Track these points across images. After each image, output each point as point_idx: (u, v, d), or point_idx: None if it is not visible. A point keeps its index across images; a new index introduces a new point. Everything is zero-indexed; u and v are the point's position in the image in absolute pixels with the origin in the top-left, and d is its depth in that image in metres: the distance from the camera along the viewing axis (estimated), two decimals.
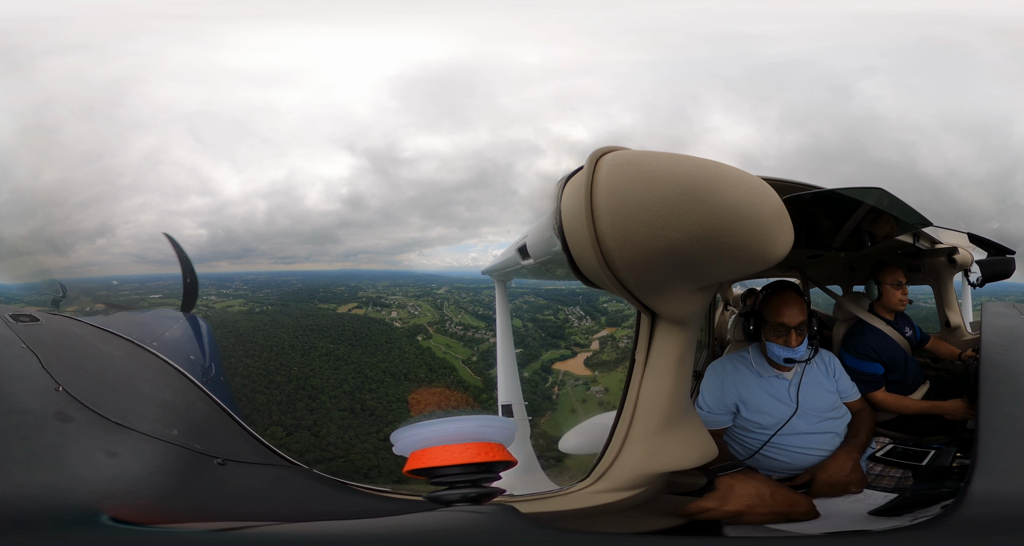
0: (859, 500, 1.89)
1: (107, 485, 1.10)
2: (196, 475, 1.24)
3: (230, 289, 30.39)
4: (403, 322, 28.63)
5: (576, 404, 19.99)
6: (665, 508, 1.73)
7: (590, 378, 21.54)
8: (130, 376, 1.60)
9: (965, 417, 2.56)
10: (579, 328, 24.91)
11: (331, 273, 46.18)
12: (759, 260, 1.20)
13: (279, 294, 31.77)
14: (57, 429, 1.18)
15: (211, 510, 1.20)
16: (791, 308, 2.33)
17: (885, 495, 1.92)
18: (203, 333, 3.19)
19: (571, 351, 23.40)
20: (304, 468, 1.41)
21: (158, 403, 1.47)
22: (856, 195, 2.03)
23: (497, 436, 1.26)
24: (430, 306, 30.04)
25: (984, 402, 1.65)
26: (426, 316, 29.03)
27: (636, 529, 1.61)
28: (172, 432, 1.31)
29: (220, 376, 2.90)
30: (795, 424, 2.32)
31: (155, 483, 1.16)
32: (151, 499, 1.12)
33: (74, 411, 1.24)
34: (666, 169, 1.17)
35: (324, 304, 30.80)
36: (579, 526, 1.57)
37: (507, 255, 4.09)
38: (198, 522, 1.12)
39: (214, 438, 1.39)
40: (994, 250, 3.08)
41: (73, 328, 1.87)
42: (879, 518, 1.73)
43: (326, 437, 16.79)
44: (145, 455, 1.21)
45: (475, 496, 1.20)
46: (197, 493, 1.21)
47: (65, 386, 1.30)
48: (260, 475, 1.34)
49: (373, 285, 33.90)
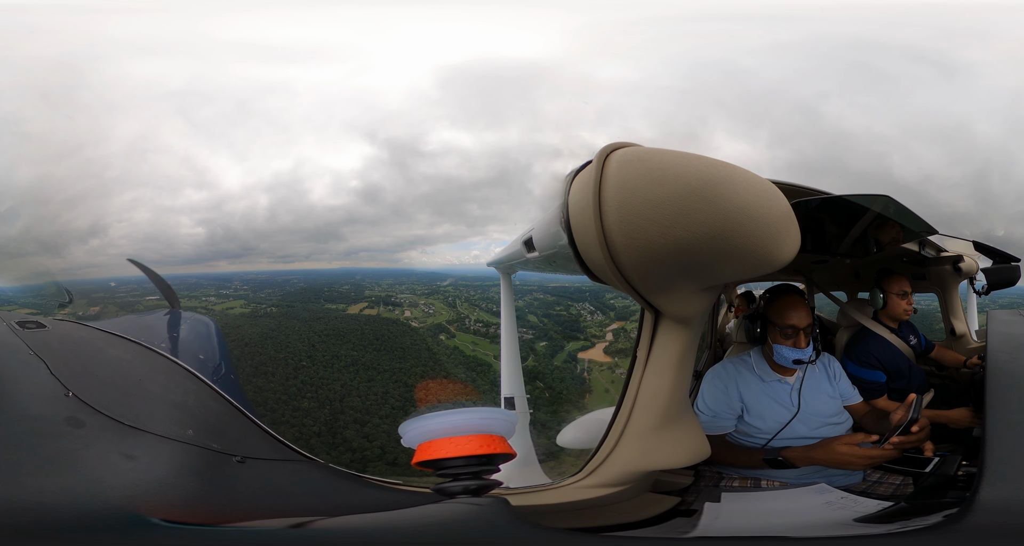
0: (846, 507, 1.86)
1: (131, 488, 1.09)
2: (218, 474, 1.24)
3: (230, 289, 29.97)
4: (420, 322, 28.58)
5: (607, 385, 21.78)
6: (649, 505, 1.74)
7: (612, 364, 23.14)
8: (140, 378, 1.60)
9: (970, 425, 2.55)
10: (592, 322, 26.13)
11: (332, 272, 45.87)
12: (765, 263, 1.19)
13: (282, 294, 31.25)
14: (70, 435, 1.18)
15: (239, 507, 1.20)
16: (799, 310, 2.33)
17: (879, 503, 1.90)
18: (211, 332, 3.20)
19: (590, 342, 24.92)
20: (320, 462, 1.41)
21: (170, 404, 1.47)
22: (863, 202, 2.03)
23: (499, 428, 1.27)
24: (443, 304, 30.03)
25: (991, 410, 1.64)
26: (442, 314, 29.05)
27: (616, 523, 1.61)
28: (187, 432, 1.30)
29: (231, 374, 2.91)
30: (795, 428, 2.32)
31: (180, 484, 1.15)
32: (180, 499, 1.12)
33: (86, 416, 1.23)
34: (676, 167, 1.16)
35: (332, 305, 30.30)
36: (565, 520, 1.57)
37: (512, 248, 4.09)
38: (230, 521, 1.13)
39: (230, 436, 1.39)
40: (999, 258, 3.07)
41: (80, 333, 1.87)
42: (866, 525, 1.71)
43: (405, 466, 15.29)
44: (164, 457, 1.20)
45: (475, 488, 1.21)
46: (223, 491, 1.21)
47: (75, 391, 1.29)
48: (280, 471, 1.35)
49: (377, 283, 33.63)
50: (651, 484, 1.80)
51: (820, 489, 1.92)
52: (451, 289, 31.60)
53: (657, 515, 1.70)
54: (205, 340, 3.05)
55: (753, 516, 1.81)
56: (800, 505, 1.89)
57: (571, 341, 24.86)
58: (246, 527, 1.11)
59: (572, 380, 22.64)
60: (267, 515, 1.21)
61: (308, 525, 1.14)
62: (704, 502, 1.81)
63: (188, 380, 1.65)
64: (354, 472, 1.43)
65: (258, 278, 35.62)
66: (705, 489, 2.01)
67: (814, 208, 1.93)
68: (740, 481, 2.22)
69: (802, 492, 2.01)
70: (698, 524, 1.66)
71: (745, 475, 2.25)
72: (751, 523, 1.76)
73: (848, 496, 1.82)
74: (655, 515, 1.70)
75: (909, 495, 2.07)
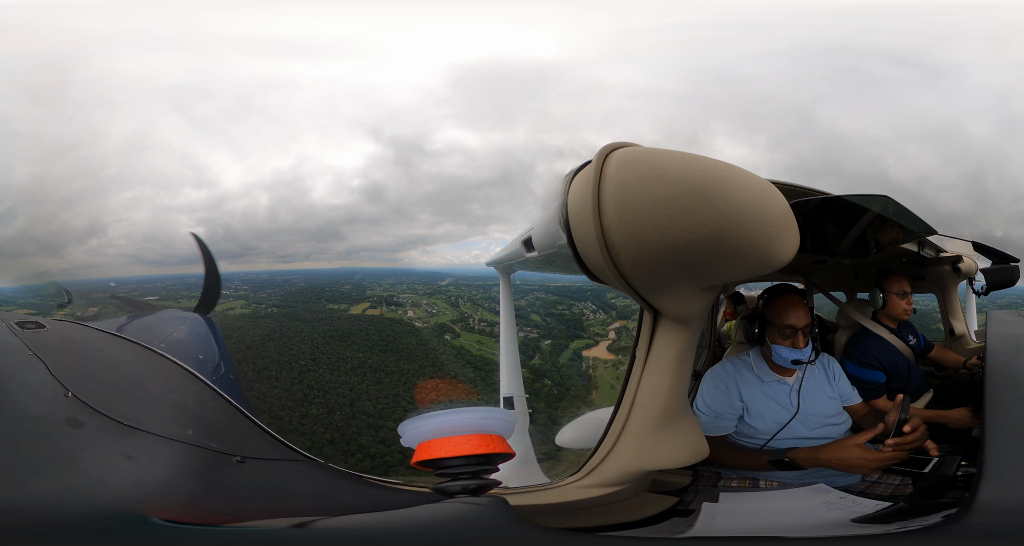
0: (844, 508, 1.85)
1: (131, 488, 1.09)
2: (218, 474, 1.23)
3: (230, 290, 29.72)
4: (424, 322, 28.47)
5: (612, 381, 22.32)
6: (646, 505, 1.73)
7: (616, 361, 23.57)
8: (140, 379, 1.59)
9: (970, 426, 2.55)
10: (595, 321, 26.54)
11: (332, 271, 45.58)
12: (764, 263, 1.19)
13: (282, 294, 31.05)
14: (69, 435, 1.17)
15: (240, 507, 1.20)
16: (798, 310, 2.32)
17: (877, 503, 1.89)
18: (210, 332, 3.20)
19: (593, 340, 25.45)
20: (320, 462, 1.41)
21: (170, 404, 1.47)
22: (862, 202, 2.03)
23: (498, 428, 1.27)
24: (446, 304, 29.94)
25: (990, 410, 1.64)
26: (445, 314, 29.00)
27: (612, 523, 1.61)
28: (187, 432, 1.30)
29: (230, 374, 2.91)
30: (794, 428, 2.32)
31: (180, 484, 1.15)
32: (180, 499, 1.11)
33: (85, 416, 1.22)
34: (676, 167, 1.16)
35: (333, 305, 30.12)
36: (562, 520, 1.57)
37: (512, 248, 4.09)
38: (231, 521, 1.12)
39: (229, 436, 1.39)
40: (999, 258, 3.07)
41: (80, 333, 1.87)
42: (864, 525, 1.70)
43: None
44: (164, 457, 1.20)
45: (474, 488, 1.21)
46: (223, 491, 1.21)
47: (74, 392, 1.28)
48: (280, 471, 1.34)
49: (378, 283, 33.54)
50: (649, 484, 1.80)
51: (818, 489, 1.91)
52: (452, 289, 31.55)
53: (654, 515, 1.70)
54: (204, 340, 3.05)
55: (751, 516, 1.80)
56: (798, 505, 1.89)
57: (575, 340, 25.21)
58: (247, 527, 1.11)
59: (578, 377, 22.94)
60: (268, 515, 1.21)
61: (309, 525, 1.14)
62: (702, 502, 1.81)
63: (188, 380, 1.64)
64: (354, 471, 1.43)
65: (258, 278, 35.49)
66: (703, 489, 2.01)
67: (813, 208, 1.93)
68: (739, 481, 2.21)
69: (801, 492, 2.01)
70: (695, 524, 1.66)
71: (744, 476, 2.24)
72: (748, 523, 1.75)
73: (847, 496, 1.82)
74: (652, 515, 1.69)
75: (908, 495, 2.06)
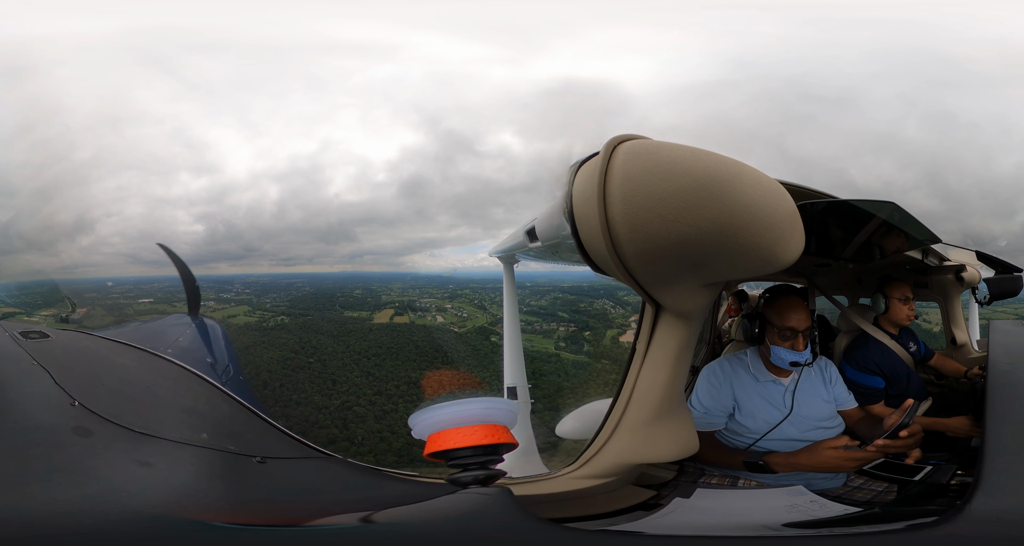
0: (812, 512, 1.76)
1: (151, 493, 1.07)
2: (241, 475, 1.23)
3: (231, 293, 27.98)
4: (459, 326, 27.47)
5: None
6: (625, 497, 1.75)
7: None
8: (148, 385, 1.59)
9: (968, 435, 2.53)
10: (618, 314, 26.54)
11: (335, 276, 43.89)
12: (768, 263, 1.19)
13: (288, 300, 28.96)
14: (78, 444, 1.16)
15: (269, 507, 1.20)
16: (799, 313, 2.32)
17: (846, 508, 1.82)
18: (217, 335, 3.21)
19: (622, 329, 25.28)
20: (339, 458, 1.42)
21: (182, 409, 1.46)
22: (869, 208, 2.02)
23: (501, 418, 1.29)
24: (472, 307, 28.87)
25: (992, 420, 1.62)
26: (478, 317, 28.03)
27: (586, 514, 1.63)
28: (202, 436, 1.30)
29: (240, 376, 2.93)
30: (785, 430, 2.32)
31: (206, 487, 1.14)
32: (208, 502, 1.11)
33: (93, 425, 1.21)
34: (685, 162, 1.16)
35: (352, 312, 27.94)
36: (555, 509, 1.58)
37: (515, 238, 4.09)
38: (263, 522, 1.12)
39: (245, 438, 1.39)
40: (1002, 268, 3.06)
41: (84, 342, 1.86)
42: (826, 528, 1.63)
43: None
44: (182, 461, 1.19)
45: (483, 478, 1.23)
46: (249, 492, 1.21)
47: (81, 400, 1.27)
48: (301, 469, 1.35)
49: (388, 288, 31.63)
50: (636, 477, 1.81)
51: (793, 492, 1.90)
52: (469, 292, 30.42)
53: (625, 508, 1.71)
54: (212, 344, 3.06)
55: (712, 515, 1.80)
56: (763, 505, 1.89)
57: (608, 329, 25.48)
58: (279, 527, 1.11)
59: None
60: (296, 513, 1.20)
61: (337, 521, 1.15)
62: (674, 497, 1.82)
63: (198, 384, 1.64)
64: (371, 466, 1.44)
65: (260, 281, 33.60)
66: (682, 484, 2.01)
67: (820, 211, 1.92)
68: (719, 479, 2.22)
69: (773, 493, 2.02)
70: (659, 518, 1.67)
71: (725, 474, 2.25)
72: (708, 521, 1.75)
73: (818, 500, 1.80)
74: (623, 508, 1.70)
75: (886, 502, 2.04)
